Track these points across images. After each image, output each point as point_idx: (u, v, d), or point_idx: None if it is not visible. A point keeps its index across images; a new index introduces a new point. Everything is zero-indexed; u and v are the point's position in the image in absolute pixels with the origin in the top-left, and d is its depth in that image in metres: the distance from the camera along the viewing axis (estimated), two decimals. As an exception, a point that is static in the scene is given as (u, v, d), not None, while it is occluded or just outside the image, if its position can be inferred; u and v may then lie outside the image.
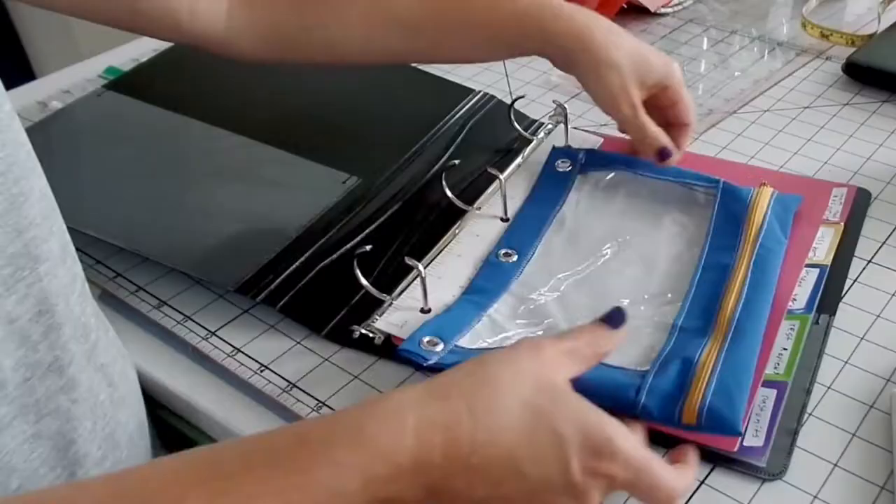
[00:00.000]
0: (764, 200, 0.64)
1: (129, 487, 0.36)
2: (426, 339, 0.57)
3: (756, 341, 0.55)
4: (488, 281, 0.62)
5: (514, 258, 0.64)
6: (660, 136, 0.65)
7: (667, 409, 0.51)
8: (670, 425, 0.51)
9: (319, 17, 0.66)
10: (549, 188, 0.70)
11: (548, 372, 0.43)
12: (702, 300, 0.58)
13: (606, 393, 0.51)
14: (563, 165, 0.71)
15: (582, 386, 0.46)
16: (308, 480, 0.36)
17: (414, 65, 0.83)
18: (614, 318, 0.47)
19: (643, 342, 0.57)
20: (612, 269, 0.63)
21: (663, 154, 0.66)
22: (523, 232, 0.66)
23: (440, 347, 0.56)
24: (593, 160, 0.71)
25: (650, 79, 0.65)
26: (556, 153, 0.73)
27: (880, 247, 0.65)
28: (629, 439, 0.42)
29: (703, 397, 0.51)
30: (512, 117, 0.76)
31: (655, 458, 0.43)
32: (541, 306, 0.60)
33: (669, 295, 0.60)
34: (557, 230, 0.66)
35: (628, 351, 0.55)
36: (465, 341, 0.57)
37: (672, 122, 0.67)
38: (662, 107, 0.67)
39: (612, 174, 0.70)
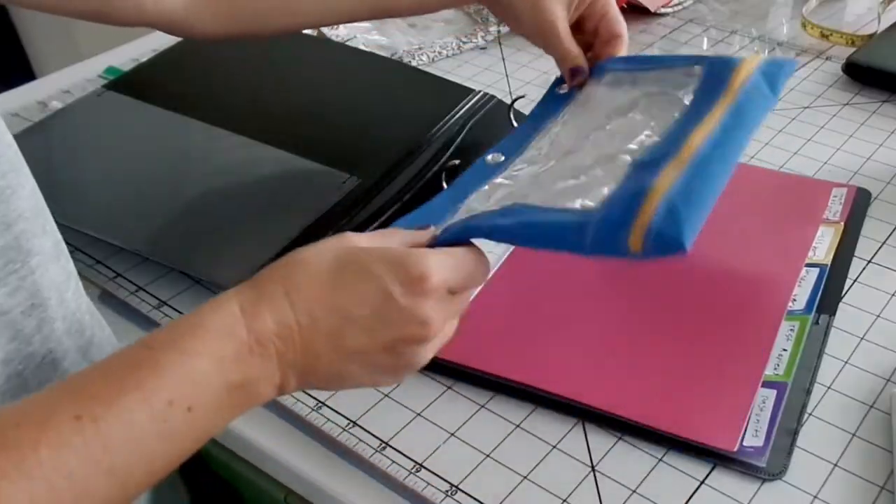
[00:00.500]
0: (752, 62, 0.59)
1: (8, 411, 0.39)
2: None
3: (720, 172, 0.50)
4: (471, 177, 0.60)
5: (501, 159, 0.61)
6: (579, 56, 0.66)
7: (614, 237, 0.47)
8: (619, 254, 0.47)
9: None
10: (547, 107, 0.67)
11: (347, 241, 0.46)
12: (668, 140, 0.54)
13: (550, 232, 0.49)
14: (563, 89, 0.70)
15: (524, 229, 0.49)
16: (162, 372, 0.40)
17: (407, 63, 0.83)
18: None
19: (598, 186, 0.52)
20: (592, 147, 0.59)
21: (575, 72, 0.66)
22: (513, 140, 0.63)
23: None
24: (592, 72, 0.67)
25: None
26: (558, 80, 0.71)
27: (880, 247, 0.65)
28: (434, 252, 0.46)
29: (651, 220, 0.46)
30: (512, 117, 0.76)
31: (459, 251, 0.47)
32: (520, 184, 0.57)
33: (635, 146, 0.55)
34: (545, 134, 0.63)
35: (582, 189, 0.52)
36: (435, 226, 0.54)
37: (604, 36, 0.67)
38: (592, 22, 0.68)
39: (607, 76, 0.68)
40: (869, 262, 0.64)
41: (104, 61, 0.95)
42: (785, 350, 0.56)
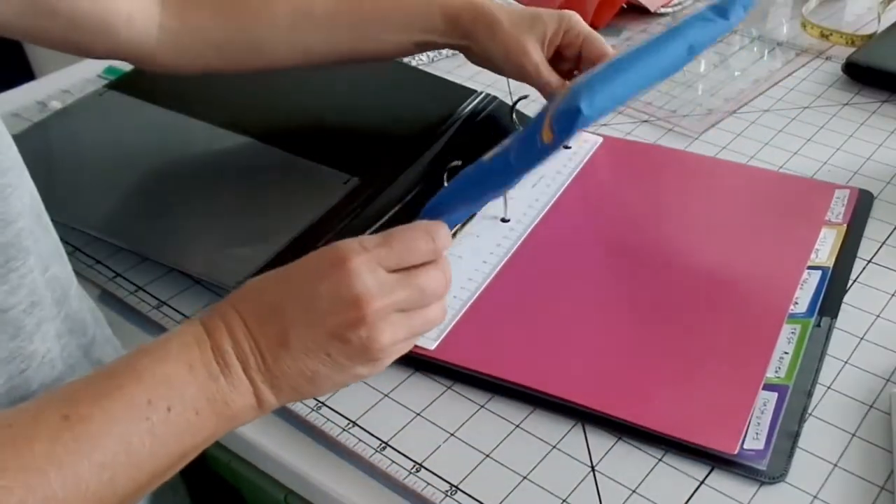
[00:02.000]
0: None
1: None
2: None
3: (635, 66, 0.51)
4: (467, 179, 0.60)
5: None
6: (561, 87, 0.68)
7: (531, 141, 0.49)
8: (534, 151, 0.49)
9: (242, 21, 0.68)
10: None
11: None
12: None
13: (478, 174, 0.52)
14: None
15: (459, 183, 0.52)
16: (139, 376, 0.42)
17: (405, 61, 0.83)
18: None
19: None
20: None
21: None
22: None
23: None
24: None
25: (549, 29, 0.68)
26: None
27: (880, 247, 0.65)
28: (355, 238, 0.47)
29: (556, 109, 0.48)
30: (514, 118, 0.76)
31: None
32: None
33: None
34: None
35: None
36: None
37: (589, 61, 0.69)
38: (573, 49, 0.69)
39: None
40: (869, 262, 0.64)
41: (104, 61, 0.95)
42: (786, 353, 0.56)
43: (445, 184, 0.67)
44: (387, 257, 0.47)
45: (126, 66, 0.92)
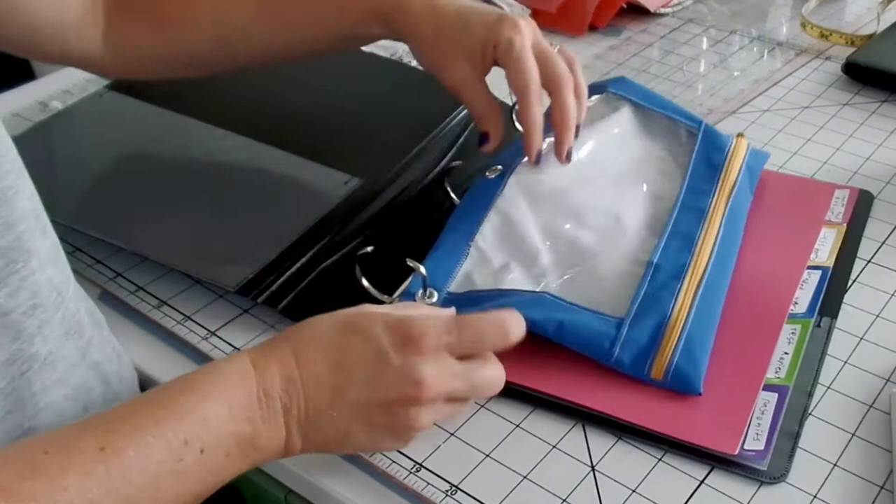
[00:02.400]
0: (741, 151, 0.67)
1: (36, 439, 0.43)
2: (419, 292, 0.58)
3: (721, 299, 0.57)
4: (474, 197, 0.63)
5: (499, 171, 0.65)
6: (489, 116, 0.62)
7: (638, 362, 0.54)
8: (639, 377, 0.54)
9: (171, 33, 0.68)
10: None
11: (361, 308, 0.50)
12: (677, 240, 0.61)
13: (582, 339, 0.54)
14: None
15: (558, 330, 0.54)
16: (179, 410, 0.43)
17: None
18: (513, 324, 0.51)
19: (619, 280, 0.59)
20: (592, 197, 0.64)
21: (482, 139, 0.64)
22: (511, 152, 0.66)
23: (434, 299, 0.58)
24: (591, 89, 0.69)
25: (478, 39, 0.60)
26: None
27: (880, 247, 0.65)
28: (430, 315, 0.48)
29: (672, 355, 0.53)
30: (515, 119, 0.75)
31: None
32: (522, 233, 0.61)
33: (646, 231, 0.62)
34: (544, 149, 0.65)
35: (605, 289, 0.58)
36: (456, 285, 0.59)
37: (513, 87, 0.61)
38: (509, 67, 0.61)
39: (602, 96, 0.70)
40: (869, 261, 0.64)
41: (104, 61, 0.95)
42: (786, 353, 0.56)
43: (447, 185, 0.67)
44: (455, 344, 0.48)
45: (126, 67, 0.93)
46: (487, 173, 0.65)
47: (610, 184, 0.65)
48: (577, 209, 0.63)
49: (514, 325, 0.50)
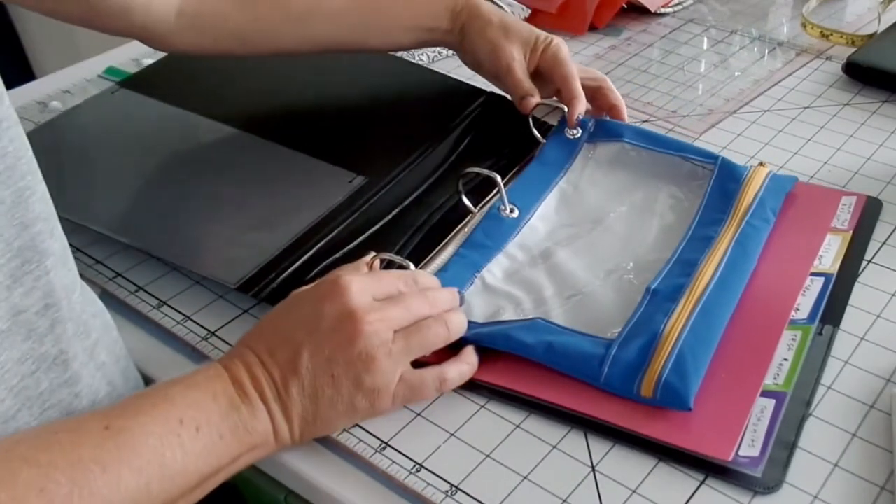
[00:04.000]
0: (758, 179, 0.66)
1: (43, 426, 0.46)
2: None
3: (723, 319, 0.56)
4: (487, 235, 0.64)
5: (516, 214, 0.66)
6: (531, 89, 0.73)
7: (627, 381, 0.53)
8: (628, 396, 0.53)
9: (259, 12, 0.72)
10: (557, 151, 0.72)
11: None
12: (679, 266, 0.60)
13: (571, 360, 0.54)
14: (571, 132, 0.73)
15: (548, 353, 0.54)
16: (171, 397, 0.47)
17: (418, 63, 0.83)
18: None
19: (615, 305, 0.59)
20: (604, 240, 0.65)
21: (524, 101, 0.73)
22: (527, 190, 0.68)
23: None
24: (602, 129, 0.73)
25: (531, 41, 0.74)
26: (563, 122, 0.74)
27: (880, 247, 0.65)
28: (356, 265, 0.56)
29: (662, 371, 0.52)
30: (532, 125, 0.75)
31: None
32: (531, 275, 0.62)
33: (652, 262, 0.62)
34: (558, 194, 0.69)
35: (599, 316, 0.58)
36: None
37: (563, 96, 0.74)
38: (549, 72, 0.74)
39: (618, 145, 0.71)
40: (869, 262, 0.64)
41: (104, 61, 0.95)
42: (786, 360, 0.55)
43: (460, 186, 0.67)
44: (375, 286, 0.53)
45: (126, 67, 0.93)
46: (503, 213, 0.66)
47: (623, 225, 0.66)
48: (588, 253, 0.63)
49: (419, 275, 0.57)
